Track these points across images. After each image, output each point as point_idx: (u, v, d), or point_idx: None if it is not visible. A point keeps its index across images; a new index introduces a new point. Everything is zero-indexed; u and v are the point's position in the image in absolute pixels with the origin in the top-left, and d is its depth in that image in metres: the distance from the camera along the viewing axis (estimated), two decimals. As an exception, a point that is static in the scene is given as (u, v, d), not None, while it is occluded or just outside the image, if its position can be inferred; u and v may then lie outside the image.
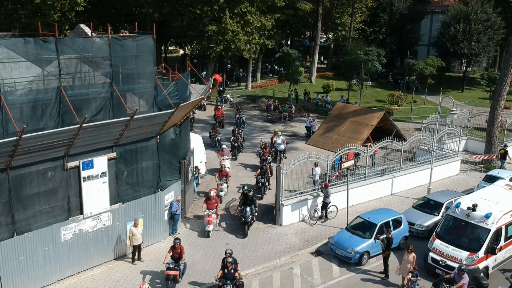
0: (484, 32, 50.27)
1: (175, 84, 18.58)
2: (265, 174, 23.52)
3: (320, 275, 17.16)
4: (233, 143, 28.92)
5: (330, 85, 48.79)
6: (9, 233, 14.21)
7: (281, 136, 28.88)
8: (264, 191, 23.39)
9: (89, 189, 15.93)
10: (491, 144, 29.05)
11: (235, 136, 29.27)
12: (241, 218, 19.50)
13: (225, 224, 20.42)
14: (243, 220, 19.40)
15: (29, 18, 35.05)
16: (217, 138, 30.68)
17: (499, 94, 28.66)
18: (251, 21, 41.88)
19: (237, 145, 29.01)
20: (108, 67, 15.86)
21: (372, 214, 19.21)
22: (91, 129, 14.75)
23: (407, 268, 15.87)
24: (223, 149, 25.77)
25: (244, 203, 19.77)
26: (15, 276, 14.49)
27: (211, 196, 19.55)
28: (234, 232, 19.73)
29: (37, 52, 14.37)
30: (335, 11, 58.86)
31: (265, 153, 26.04)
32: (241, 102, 44.96)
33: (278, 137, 28.72)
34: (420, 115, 39.39)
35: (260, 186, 23.20)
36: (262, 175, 23.34)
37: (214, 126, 32.00)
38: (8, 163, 13.58)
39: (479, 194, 18.75)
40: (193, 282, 16.33)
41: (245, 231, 19.40)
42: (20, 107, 14.03)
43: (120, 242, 17.26)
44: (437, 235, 17.57)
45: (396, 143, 24.71)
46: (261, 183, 23.18)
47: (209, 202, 19.46)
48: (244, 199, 19.85)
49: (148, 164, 17.58)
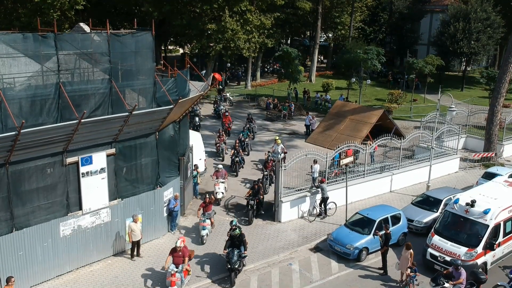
0: (484, 31, 50.28)
1: (174, 80, 18.63)
2: (257, 195, 20.53)
3: (319, 271, 17.19)
4: (233, 157, 26.25)
5: (330, 84, 48.83)
6: (8, 229, 14.24)
7: (281, 145, 26.88)
8: (253, 215, 20.33)
9: (88, 185, 15.95)
10: (490, 142, 29.08)
11: (235, 150, 26.56)
12: (227, 264, 16.01)
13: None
14: (229, 266, 15.92)
15: (28, 17, 35.04)
16: (221, 147, 28.39)
17: (498, 92, 28.70)
18: (251, 19, 41.87)
19: (237, 160, 26.17)
20: (107, 63, 15.91)
21: (371, 211, 19.25)
22: (90, 125, 14.78)
23: (405, 264, 15.91)
24: (218, 170, 22.44)
25: (232, 244, 16.41)
26: (14, 271, 14.48)
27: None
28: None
29: (36, 48, 14.39)
30: (335, 10, 58.89)
31: (267, 166, 24.15)
32: (240, 101, 45.02)
33: (278, 146, 26.71)
34: (420, 113, 39.40)
35: (249, 210, 20.31)
36: (253, 196, 20.54)
37: (220, 135, 29.40)
38: (7, 158, 13.60)
39: (478, 190, 18.78)
40: (192, 280, 16.33)
41: (231, 280, 15.96)
42: (19, 103, 14.05)
43: (119, 238, 17.29)
44: (435, 231, 17.60)
45: (395, 141, 24.75)
46: (250, 206, 20.31)
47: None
48: (231, 240, 16.50)
49: (147, 161, 17.61)
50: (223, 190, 21.97)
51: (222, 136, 29.29)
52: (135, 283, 15.77)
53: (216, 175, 22.31)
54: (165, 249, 17.78)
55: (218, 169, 22.46)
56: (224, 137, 29.62)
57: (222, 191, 21.87)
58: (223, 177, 22.27)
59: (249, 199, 20.48)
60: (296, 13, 53.73)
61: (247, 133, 30.72)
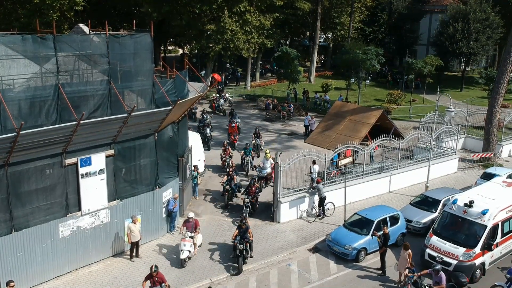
0: (483, 31, 50.31)
1: (173, 81, 18.69)
2: (244, 234, 17.18)
3: (317, 272, 17.23)
4: (224, 184, 22.16)
5: (329, 84, 48.87)
6: (7, 230, 14.28)
7: (270, 160, 23.89)
8: (243, 260, 17.08)
9: (87, 186, 16.00)
10: (489, 142, 29.12)
11: (228, 175, 22.41)
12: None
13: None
14: None
15: (28, 18, 35.09)
16: (227, 161, 25.58)
17: (497, 92, 28.76)
18: (250, 20, 41.94)
19: (228, 189, 21.95)
20: (106, 64, 15.97)
21: (369, 211, 19.30)
22: (89, 126, 14.83)
23: (403, 264, 15.95)
24: (188, 219, 17.45)
25: None
26: (13, 272, 14.54)
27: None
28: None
29: (35, 49, 14.46)
30: (334, 11, 58.93)
31: (250, 192, 20.80)
32: (240, 101, 45.05)
33: (267, 160, 23.92)
34: (419, 113, 39.44)
35: (238, 255, 16.89)
36: (241, 236, 17.09)
37: (226, 148, 26.68)
38: (6, 159, 13.65)
39: (476, 190, 18.82)
40: (191, 280, 16.36)
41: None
42: (18, 104, 14.10)
43: (118, 239, 17.33)
44: (434, 232, 17.64)
45: (394, 141, 24.79)
46: (238, 251, 16.87)
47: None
48: None
49: (146, 161, 17.65)
50: (190, 248, 16.89)
51: (228, 150, 26.72)
52: (134, 284, 15.81)
53: (185, 226, 17.35)
54: (165, 250, 17.86)
55: (188, 218, 17.45)
56: (230, 150, 27.19)
57: (188, 249, 16.83)
58: (192, 229, 17.25)
59: (237, 242, 16.99)
60: (295, 14, 53.78)
61: (250, 151, 26.83)
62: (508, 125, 30.98)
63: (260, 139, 30.08)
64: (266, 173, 23.85)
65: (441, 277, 14.75)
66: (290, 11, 52.64)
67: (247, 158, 26.12)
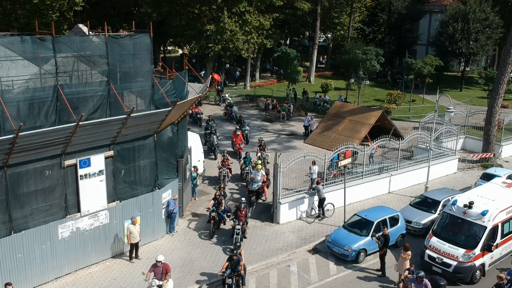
0: (482, 31, 50.33)
1: (172, 82, 18.66)
2: (235, 267, 15.41)
3: (317, 273, 17.21)
4: (210, 210, 19.17)
5: (329, 85, 48.88)
6: (6, 231, 14.26)
7: (261, 171, 21.83)
8: None
9: (87, 187, 15.96)
10: (489, 143, 29.09)
11: (215, 199, 19.36)
12: None
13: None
14: None
15: (27, 18, 35.09)
16: (223, 173, 23.32)
17: (496, 92, 28.73)
18: (250, 20, 41.92)
19: (214, 216, 19.04)
20: (105, 65, 15.96)
21: (369, 212, 19.29)
22: (88, 127, 14.80)
23: (403, 265, 15.93)
24: (156, 263, 14.70)
25: None
26: (12, 274, 14.51)
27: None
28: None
29: (34, 50, 14.44)
30: (334, 11, 58.91)
31: (239, 217, 18.51)
32: (239, 102, 45.02)
33: (258, 172, 21.69)
34: (419, 114, 39.44)
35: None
36: (232, 269, 15.43)
37: (225, 158, 24.06)
38: (5, 161, 13.62)
39: (476, 191, 18.78)
40: (191, 280, 16.35)
41: None
42: (17, 105, 14.09)
43: (117, 240, 17.31)
44: (434, 233, 17.62)
45: (393, 142, 24.77)
46: (227, 286, 15.39)
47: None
48: None
49: (146, 162, 17.63)
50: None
51: (227, 160, 24.19)
52: (133, 285, 15.79)
53: (152, 271, 14.67)
54: (164, 251, 17.83)
55: (156, 262, 14.72)
56: (229, 161, 24.44)
57: None
58: (160, 275, 14.57)
59: (226, 275, 15.31)
60: (295, 14, 53.79)
61: (250, 160, 24.48)
62: (507, 125, 30.95)
63: (266, 152, 26.86)
64: (257, 187, 21.70)
65: (427, 285, 14.56)
66: (290, 11, 52.65)
67: (246, 168, 23.99)
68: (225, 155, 24.44)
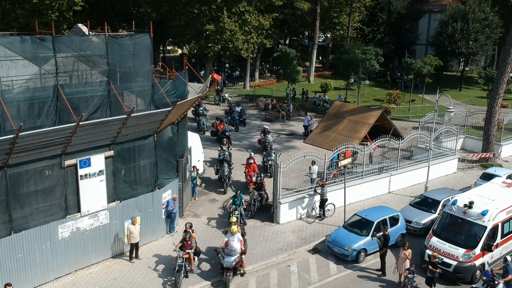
0: (482, 31, 50.37)
1: (172, 82, 18.66)
2: None
3: (317, 273, 17.21)
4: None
5: (328, 84, 48.89)
6: (7, 231, 14.24)
7: (237, 234, 16.14)
8: None
9: (87, 187, 15.95)
10: (489, 143, 29.11)
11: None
12: None
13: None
14: None
15: (27, 18, 35.07)
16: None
17: (496, 92, 28.75)
18: (249, 20, 41.93)
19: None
20: (105, 65, 15.93)
21: (369, 212, 19.29)
22: (88, 127, 14.78)
23: (403, 265, 15.93)
24: None
25: None
26: (12, 274, 14.49)
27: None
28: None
29: (34, 50, 14.40)
30: (333, 11, 58.97)
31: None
32: (239, 101, 45.02)
33: (233, 236, 15.98)
34: (418, 114, 39.47)
35: None
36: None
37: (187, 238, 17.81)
38: (6, 161, 13.60)
39: (476, 191, 18.79)
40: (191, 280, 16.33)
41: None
42: (18, 105, 14.06)
43: (117, 240, 17.29)
44: (434, 233, 17.63)
45: (393, 142, 24.78)
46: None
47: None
48: None
49: (146, 162, 17.61)
50: None
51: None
52: (133, 285, 15.78)
53: None
54: (164, 251, 17.81)
55: None
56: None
57: None
58: None
59: None
60: (294, 14, 53.81)
61: (241, 200, 19.87)
62: (507, 125, 30.97)
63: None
64: (233, 262, 15.73)
65: None
66: (289, 11, 52.67)
67: (236, 212, 19.27)
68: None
